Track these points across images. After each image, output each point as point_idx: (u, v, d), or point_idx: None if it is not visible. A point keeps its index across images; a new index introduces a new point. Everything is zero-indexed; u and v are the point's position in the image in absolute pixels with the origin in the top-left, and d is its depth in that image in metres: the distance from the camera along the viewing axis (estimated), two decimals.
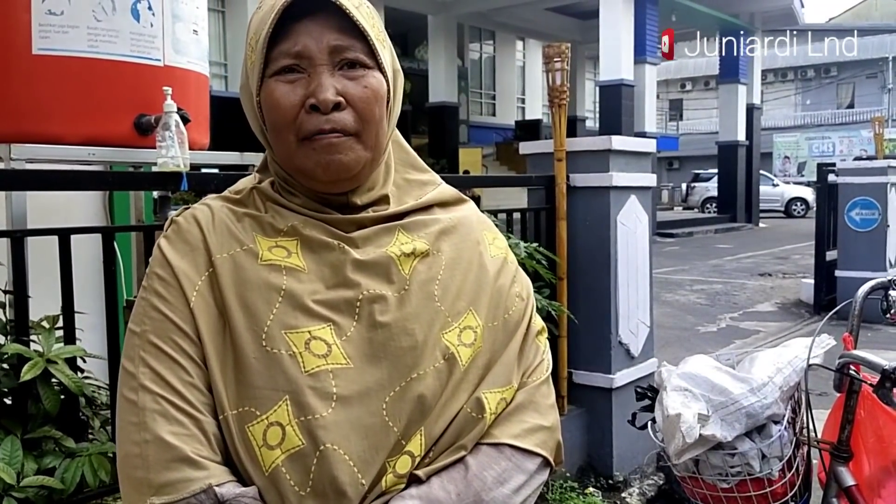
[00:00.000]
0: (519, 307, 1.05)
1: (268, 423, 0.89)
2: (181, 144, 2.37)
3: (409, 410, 0.92)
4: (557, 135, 3.39)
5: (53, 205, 2.98)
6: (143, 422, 0.89)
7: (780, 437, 2.01)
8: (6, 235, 2.13)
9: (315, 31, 0.93)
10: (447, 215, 1.07)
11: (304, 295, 0.93)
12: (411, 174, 1.09)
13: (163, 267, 0.95)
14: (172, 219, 1.00)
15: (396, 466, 0.91)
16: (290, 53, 0.93)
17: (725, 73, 20.84)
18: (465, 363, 0.96)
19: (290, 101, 0.93)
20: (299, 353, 0.91)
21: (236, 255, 0.95)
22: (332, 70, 0.93)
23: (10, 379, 2.05)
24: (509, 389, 0.99)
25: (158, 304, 0.93)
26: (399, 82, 1.02)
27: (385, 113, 0.97)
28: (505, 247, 1.10)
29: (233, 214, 0.99)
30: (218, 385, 0.90)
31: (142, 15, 2.59)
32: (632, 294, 3.56)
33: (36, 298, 2.16)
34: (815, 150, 33.08)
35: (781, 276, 11.01)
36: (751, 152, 21.39)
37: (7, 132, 2.46)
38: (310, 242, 0.97)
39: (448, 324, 0.97)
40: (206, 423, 0.90)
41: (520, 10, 20.92)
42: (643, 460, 3.58)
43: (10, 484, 1.84)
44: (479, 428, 0.96)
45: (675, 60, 35.18)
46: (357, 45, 0.94)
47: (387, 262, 0.97)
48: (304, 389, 0.89)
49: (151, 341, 0.92)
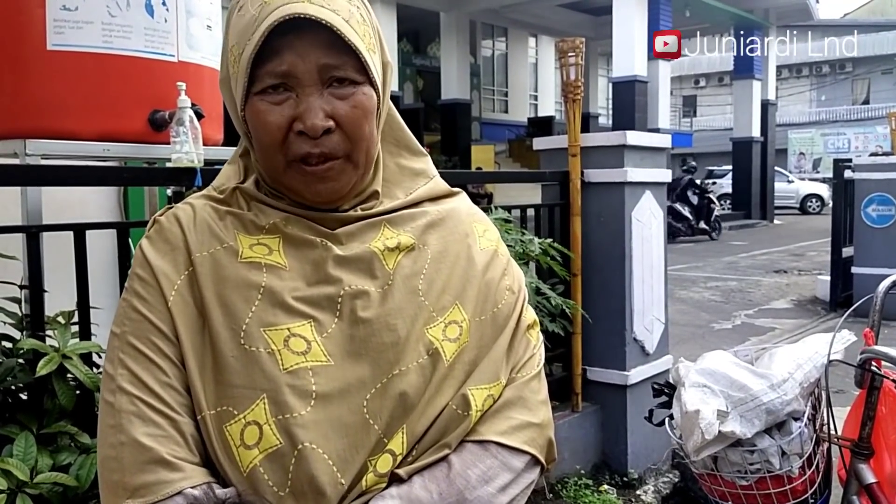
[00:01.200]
0: (509, 301, 1.02)
1: (245, 422, 0.87)
2: (195, 140, 2.37)
3: (390, 408, 0.90)
4: (572, 130, 3.37)
5: (68, 201, 2.99)
6: (119, 424, 0.87)
7: (800, 434, 1.99)
8: (22, 231, 2.14)
9: (302, 50, 0.88)
10: (436, 208, 1.04)
11: (283, 292, 0.91)
12: (404, 158, 1.05)
13: (143, 267, 0.94)
14: (155, 218, 0.99)
15: (377, 465, 0.89)
16: (275, 73, 0.89)
17: (740, 68, 20.71)
18: (449, 358, 0.94)
19: (278, 123, 0.90)
20: (278, 350, 0.89)
21: (216, 252, 0.93)
22: (320, 90, 0.90)
23: (25, 374, 2.05)
24: (497, 385, 0.96)
25: (138, 305, 0.92)
26: (388, 76, 0.99)
27: (375, 125, 0.95)
28: (496, 238, 1.07)
29: (215, 213, 0.97)
30: (196, 385, 0.89)
31: (156, 10, 2.58)
32: (646, 290, 3.53)
33: (51, 294, 2.17)
34: (831, 146, 32.83)
35: (797, 272, 10.93)
36: (765, 149, 21.25)
37: (22, 128, 2.47)
38: (292, 240, 0.95)
39: (432, 318, 0.95)
40: (184, 424, 0.88)
41: (532, 7, 20.86)
42: (658, 458, 3.56)
43: (24, 480, 1.84)
44: (465, 425, 0.93)
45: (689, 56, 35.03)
46: (348, 63, 0.90)
47: (370, 258, 0.95)
48: (283, 388, 0.87)
49: (130, 342, 0.91)
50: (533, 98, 26.03)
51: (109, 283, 2.67)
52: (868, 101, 37.23)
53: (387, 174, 1.03)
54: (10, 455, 1.89)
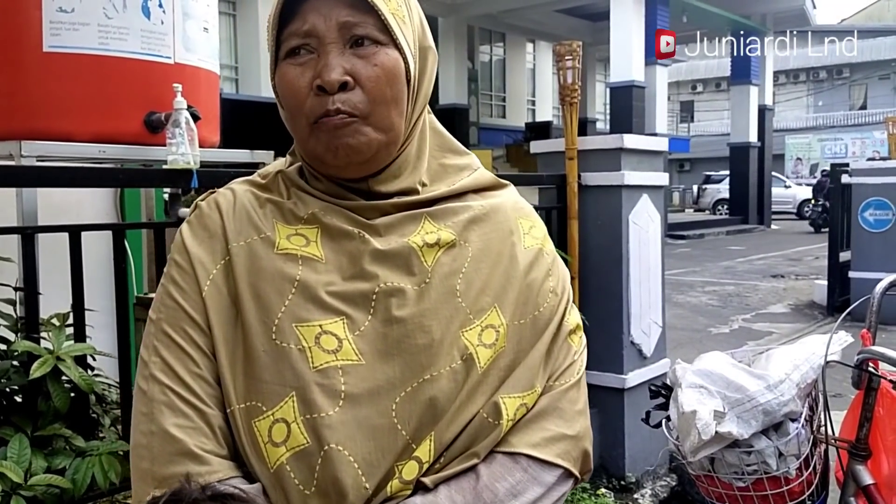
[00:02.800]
0: (551, 303, 0.98)
1: (273, 419, 0.86)
2: (191, 142, 2.36)
3: (419, 413, 0.88)
4: (569, 133, 3.37)
5: (65, 202, 2.99)
6: (150, 412, 0.88)
7: (797, 435, 1.98)
8: (17, 232, 2.13)
9: (324, 9, 0.89)
10: (480, 202, 1.00)
11: (317, 286, 0.90)
12: (448, 158, 1.03)
13: (180, 253, 0.94)
14: (196, 203, 0.99)
15: (403, 472, 0.87)
16: (298, 33, 0.90)
17: (737, 74, 20.76)
18: (483, 365, 0.91)
19: (300, 83, 0.90)
20: (308, 347, 0.88)
21: (253, 243, 0.93)
22: (341, 48, 0.89)
23: (20, 376, 2.04)
24: (531, 394, 0.93)
25: (173, 292, 0.92)
26: (430, 60, 0.97)
27: (402, 92, 0.92)
28: (542, 236, 1.03)
29: (255, 200, 0.97)
30: (226, 377, 0.89)
31: (152, 12, 2.58)
32: (644, 294, 3.53)
33: (46, 296, 2.16)
34: (828, 151, 32.90)
35: (794, 277, 10.94)
36: (763, 154, 21.28)
37: (18, 129, 2.46)
38: (329, 231, 0.93)
39: (469, 321, 0.92)
40: (213, 416, 0.88)
41: (530, 12, 20.89)
42: (655, 461, 3.55)
43: (19, 483, 1.83)
44: (495, 435, 0.90)
45: (687, 62, 35.09)
46: (368, 21, 0.89)
47: (408, 253, 0.92)
48: (311, 386, 0.86)
49: (164, 330, 0.91)
50: (531, 103, 26.04)
51: (105, 285, 2.66)
52: (865, 107, 37.32)
53: (431, 173, 1.01)
54: (5, 457, 1.88)
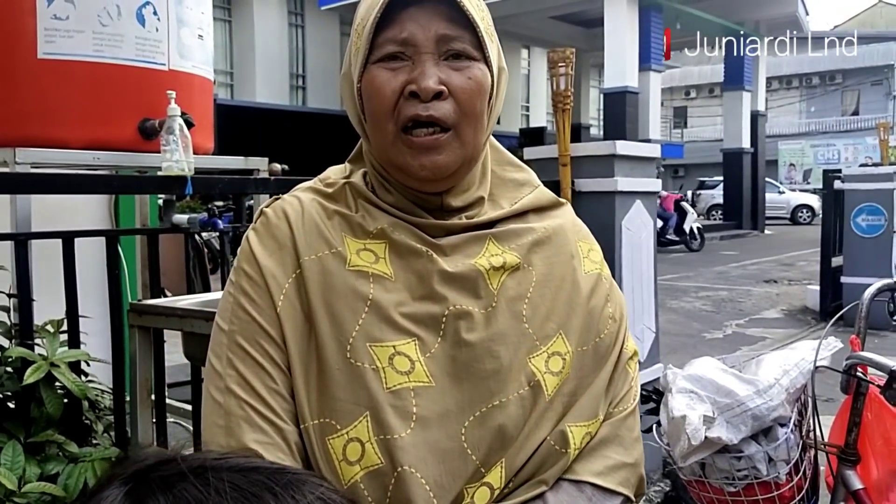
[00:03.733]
0: (612, 330, 1.00)
1: (347, 438, 0.87)
2: (185, 148, 2.37)
3: (489, 440, 0.89)
4: (562, 140, 3.38)
5: (59, 209, 2.99)
6: (228, 426, 0.88)
7: (786, 440, 1.99)
8: (10, 238, 2.14)
9: (423, 19, 0.90)
10: (542, 224, 1.02)
11: (390, 306, 0.91)
12: (507, 171, 1.05)
13: (250, 264, 0.94)
14: (262, 210, 0.99)
15: (475, 497, 0.89)
16: (395, 40, 0.90)
17: (730, 80, 20.83)
18: (550, 393, 0.93)
19: (392, 87, 0.90)
20: (382, 368, 0.89)
21: (324, 258, 0.93)
22: (436, 59, 0.90)
23: (13, 382, 2.04)
24: (595, 423, 0.95)
25: (246, 305, 0.92)
26: (504, 79, 0.99)
27: (486, 108, 0.94)
28: (600, 260, 1.05)
29: (323, 211, 0.97)
30: (300, 393, 0.89)
31: (147, 20, 2.60)
32: (637, 299, 3.54)
33: (40, 302, 2.16)
34: (821, 157, 32.99)
35: (787, 282, 10.97)
36: (756, 160, 21.36)
37: (12, 136, 2.47)
38: (398, 247, 0.94)
39: (536, 347, 0.93)
40: (289, 433, 0.89)
41: (524, 19, 20.93)
42: (649, 467, 3.56)
43: (12, 490, 1.83)
44: (562, 463, 0.92)
45: (680, 68, 35.22)
46: (465, 37, 0.91)
47: (475, 276, 0.93)
48: (385, 407, 0.87)
49: (238, 343, 0.91)
50: (524, 109, 26.10)
51: (99, 291, 2.67)
52: (858, 113, 37.48)
53: (492, 186, 1.02)
54: None
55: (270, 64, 17.45)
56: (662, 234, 15.66)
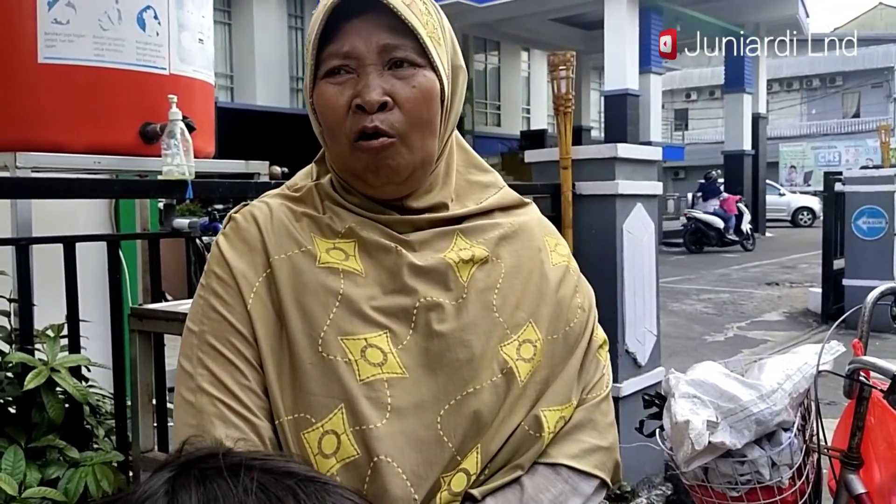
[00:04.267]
0: (581, 319, 1.02)
1: (323, 430, 0.88)
2: (186, 152, 2.37)
3: (464, 426, 0.90)
4: (563, 143, 3.38)
5: (59, 213, 2.99)
6: (200, 424, 0.88)
7: (789, 445, 1.99)
8: (11, 243, 2.13)
9: (364, 31, 0.91)
10: (508, 220, 1.04)
11: (361, 300, 0.92)
12: (473, 174, 1.06)
13: (221, 266, 0.95)
14: (231, 215, 1.00)
15: (451, 484, 0.90)
16: (338, 54, 0.91)
17: (731, 82, 20.85)
18: (523, 379, 0.94)
19: (339, 101, 0.92)
20: (355, 360, 0.89)
21: (294, 256, 0.94)
22: (380, 70, 0.91)
23: (14, 387, 2.04)
24: (568, 407, 0.97)
25: (216, 305, 0.93)
26: (461, 80, 0.99)
27: (437, 113, 0.95)
28: (567, 253, 1.07)
29: (291, 213, 0.98)
30: (274, 389, 0.90)
31: (147, 24, 2.60)
32: (638, 303, 3.54)
33: (40, 306, 2.16)
34: (821, 159, 32.99)
35: (789, 285, 10.97)
36: (757, 162, 21.36)
37: (13, 140, 2.47)
38: (367, 245, 0.95)
39: (507, 336, 0.95)
40: (263, 428, 0.89)
41: (524, 21, 20.97)
42: (651, 470, 3.55)
43: (12, 495, 1.83)
44: (537, 447, 0.94)
45: (680, 71, 35.24)
46: (407, 44, 0.91)
47: (445, 269, 0.95)
48: (360, 398, 0.88)
49: (209, 342, 0.91)
50: (525, 111, 26.12)
51: (99, 295, 2.66)
52: (858, 115, 37.48)
53: (458, 189, 1.03)
54: None
55: (270, 66, 17.46)
56: (724, 234, 16.11)
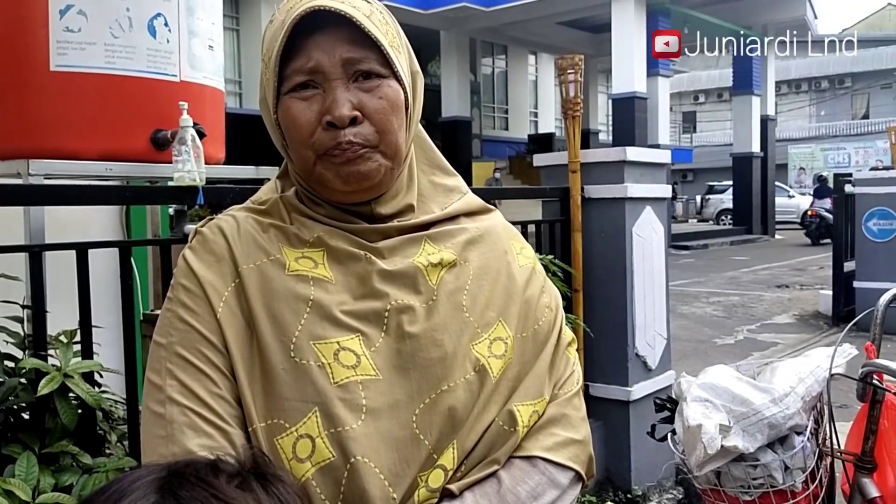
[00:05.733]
0: (548, 318, 1.04)
1: (297, 435, 0.87)
2: (197, 159, 2.38)
3: (440, 423, 0.91)
4: (572, 146, 3.38)
5: (71, 220, 3.00)
6: (171, 434, 0.87)
7: (802, 449, 1.98)
8: (25, 250, 2.15)
9: (327, 45, 0.91)
10: (474, 224, 1.05)
11: (332, 305, 0.92)
12: (437, 177, 1.08)
13: (188, 277, 0.94)
14: (197, 230, 0.99)
15: (429, 480, 0.90)
16: (303, 70, 0.92)
17: (739, 84, 20.80)
18: (496, 375, 0.95)
19: (307, 118, 0.92)
20: (328, 363, 0.89)
21: (263, 265, 0.94)
22: (346, 83, 0.92)
23: (27, 393, 2.05)
24: (541, 402, 0.98)
25: (184, 315, 0.92)
26: (419, 83, 1.01)
27: (403, 121, 0.96)
28: (533, 256, 1.09)
29: (258, 225, 0.98)
30: (246, 396, 0.89)
31: (158, 31, 2.61)
32: (648, 306, 3.53)
33: (53, 313, 2.17)
34: (831, 161, 32.86)
35: (799, 287, 10.92)
36: (766, 164, 21.30)
37: (25, 148, 2.48)
38: (336, 253, 0.96)
39: (477, 335, 0.96)
40: (235, 436, 0.88)
41: (532, 25, 20.98)
42: (661, 474, 3.54)
43: (26, 501, 1.84)
44: (512, 441, 0.95)
45: (688, 73, 35.15)
46: (371, 56, 0.92)
47: (414, 273, 0.96)
48: (334, 401, 0.88)
49: (178, 353, 0.90)
50: (533, 115, 26.12)
51: (111, 302, 2.68)
52: (868, 116, 37.30)
53: (421, 190, 1.04)
54: (13, 475, 1.88)
55: None
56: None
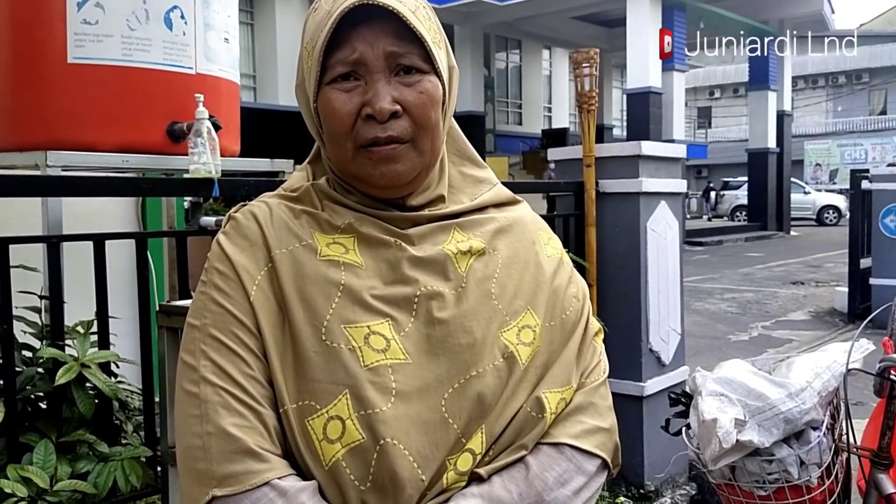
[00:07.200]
0: (576, 308, 1.05)
1: (328, 416, 0.88)
2: (213, 151, 2.40)
3: (469, 408, 0.92)
4: (586, 140, 3.37)
5: (87, 211, 3.02)
6: (205, 414, 0.89)
7: (818, 444, 1.97)
8: (43, 241, 2.16)
9: (371, 38, 0.92)
10: (502, 215, 1.07)
11: (362, 290, 0.94)
12: (467, 168, 1.09)
13: (222, 261, 0.96)
14: (230, 215, 1.01)
15: (458, 464, 0.91)
16: (346, 62, 0.93)
17: (755, 80, 20.67)
18: (524, 362, 0.96)
19: (347, 109, 0.93)
20: (358, 347, 0.91)
21: (295, 250, 0.96)
22: (388, 77, 0.93)
23: (45, 383, 2.07)
24: (568, 389, 0.99)
25: (218, 298, 0.94)
26: (455, 79, 1.02)
27: (440, 116, 0.97)
28: (560, 247, 1.10)
29: (290, 211, 1.00)
30: (278, 378, 0.91)
31: (174, 24, 2.62)
32: (662, 301, 3.52)
33: (70, 303, 2.19)
34: (847, 156, 32.62)
35: (814, 284, 10.85)
36: (781, 160, 21.16)
37: (43, 140, 2.50)
38: (367, 239, 0.97)
39: (506, 322, 0.97)
40: (267, 416, 0.90)
41: (546, 19, 20.91)
42: (675, 470, 3.53)
43: (44, 488, 1.86)
44: (540, 428, 0.95)
45: (704, 68, 34.95)
46: (413, 51, 0.94)
47: (443, 260, 0.97)
48: (364, 384, 0.89)
49: (212, 334, 0.92)
50: (547, 110, 26.05)
51: (127, 293, 2.69)
52: (885, 112, 36.99)
53: (451, 181, 1.06)
54: (31, 462, 1.91)
55: (293, 66, 17.42)
56: None
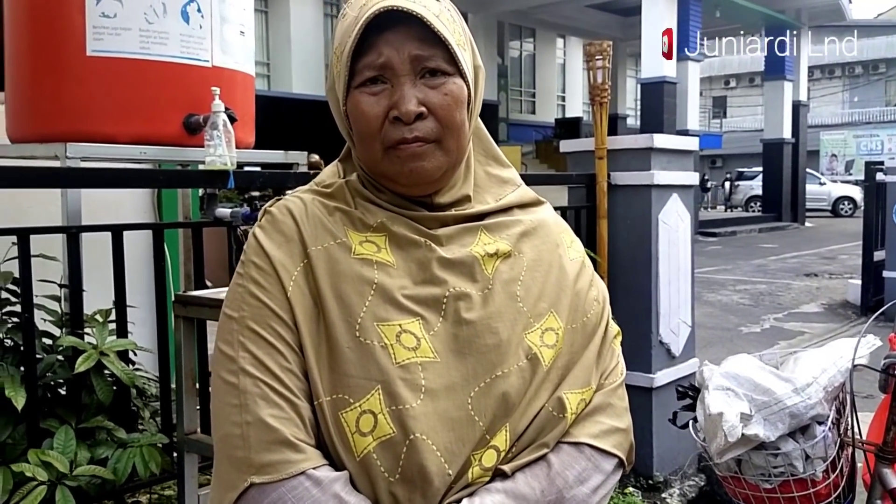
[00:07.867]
0: (596, 311, 1.08)
1: (360, 410, 0.92)
2: (228, 143, 2.42)
3: (494, 406, 0.95)
4: (598, 133, 3.38)
5: (104, 202, 3.07)
6: (244, 404, 0.92)
7: (824, 438, 1.99)
8: (63, 231, 2.21)
9: (397, 43, 0.95)
10: (527, 217, 1.10)
11: (394, 289, 0.97)
12: (492, 167, 1.12)
13: (259, 256, 0.99)
14: (266, 209, 1.04)
15: (483, 460, 0.95)
16: (373, 66, 0.96)
17: (771, 69, 20.49)
18: (547, 363, 1.00)
19: (375, 112, 0.96)
20: (390, 344, 0.94)
21: (330, 248, 0.99)
22: (413, 80, 0.96)
23: (65, 370, 2.12)
24: (588, 391, 1.03)
25: (256, 292, 0.97)
26: (480, 78, 1.05)
27: (466, 117, 1.00)
28: (582, 251, 1.13)
29: (324, 208, 1.03)
30: (313, 372, 0.94)
31: (191, 17, 2.65)
32: (673, 293, 3.53)
33: (89, 292, 2.23)
34: (863, 147, 32.30)
35: (828, 276, 10.80)
36: (797, 150, 21.00)
37: (63, 131, 2.54)
38: (397, 239, 1.01)
39: (530, 324, 1.01)
40: (303, 408, 0.93)
41: (560, 8, 20.80)
42: (684, 461, 3.55)
43: (64, 472, 1.91)
44: (561, 427, 0.99)
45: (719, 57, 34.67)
46: (438, 54, 0.96)
47: (471, 261, 1.01)
48: (396, 380, 0.93)
49: (250, 327, 0.96)
50: (560, 99, 25.94)
51: (143, 282, 2.74)
52: None
53: (477, 180, 1.09)
54: (51, 448, 1.95)
55: (307, 55, 17.55)
56: None
